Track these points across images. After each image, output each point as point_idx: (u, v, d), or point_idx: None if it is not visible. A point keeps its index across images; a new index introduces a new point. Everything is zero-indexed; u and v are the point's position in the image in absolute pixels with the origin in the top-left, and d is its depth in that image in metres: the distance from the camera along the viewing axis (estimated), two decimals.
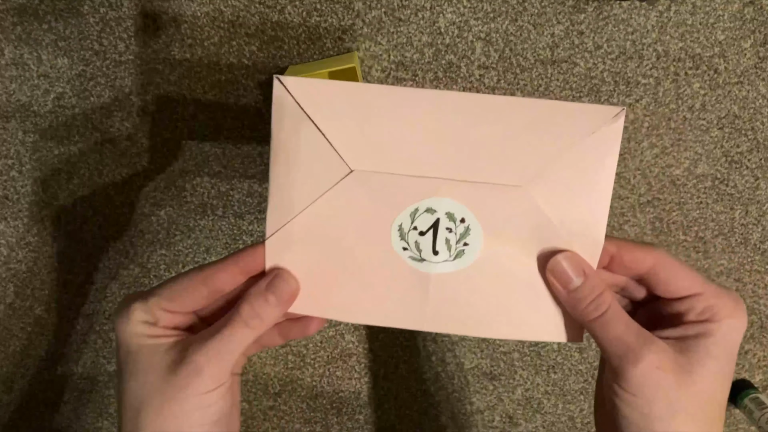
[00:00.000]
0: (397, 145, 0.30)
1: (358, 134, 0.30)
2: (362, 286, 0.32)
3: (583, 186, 0.30)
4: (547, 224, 0.30)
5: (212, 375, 0.28)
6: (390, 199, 0.31)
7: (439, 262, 0.31)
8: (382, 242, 0.31)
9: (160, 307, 0.30)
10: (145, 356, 0.29)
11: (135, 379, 0.29)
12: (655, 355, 0.27)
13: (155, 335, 0.30)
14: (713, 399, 0.27)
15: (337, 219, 0.31)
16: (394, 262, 0.31)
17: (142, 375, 0.29)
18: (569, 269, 0.29)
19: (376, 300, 0.32)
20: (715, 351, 0.27)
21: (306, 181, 0.31)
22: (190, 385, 0.28)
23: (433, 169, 0.30)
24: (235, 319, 0.29)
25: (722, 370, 0.27)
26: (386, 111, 0.30)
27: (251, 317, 0.29)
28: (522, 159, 0.30)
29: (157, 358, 0.29)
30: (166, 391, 0.28)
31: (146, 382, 0.29)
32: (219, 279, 0.30)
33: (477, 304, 0.32)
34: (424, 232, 0.31)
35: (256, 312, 0.29)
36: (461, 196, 0.30)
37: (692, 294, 0.28)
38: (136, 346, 0.29)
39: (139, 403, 0.29)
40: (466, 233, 0.31)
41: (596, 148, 0.29)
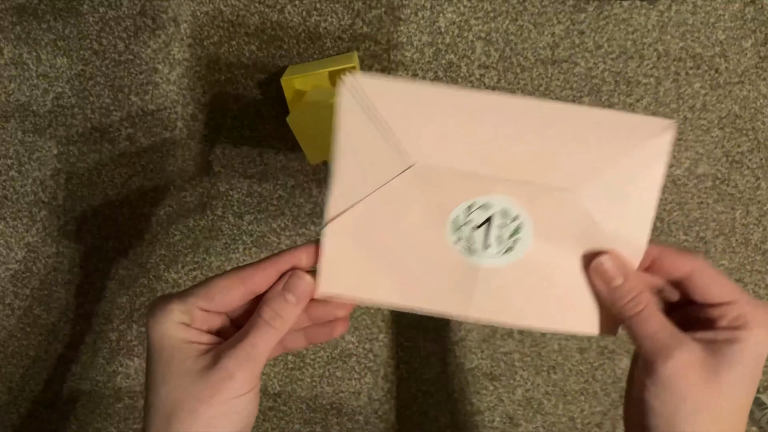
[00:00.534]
0: (456, 143, 0.32)
1: (420, 130, 0.32)
2: (413, 272, 0.33)
3: (631, 193, 0.32)
4: (593, 226, 0.32)
5: (243, 379, 0.29)
6: (447, 193, 0.32)
7: (489, 256, 0.33)
8: (436, 233, 0.33)
9: (197, 307, 0.31)
10: (178, 360, 0.30)
11: (167, 382, 0.30)
12: (686, 354, 0.28)
13: (190, 340, 0.30)
14: (737, 402, 0.29)
15: (395, 209, 0.33)
16: (446, 252, 0.33)
17: (175, 379, 0.30)
18: (612, 269, 0.31)
19: (425, 287, 0.33)
20: (744, 357, 0.28)
21: (369, 171, 0.32)
22: (223, 390, 0.29)
23: (491, 168, 0.32)
24: (258, 323, 0.30)
25: (749, 375, 0.29)
26: (448, 110, 0.31)
27: (272, 318, 0.30)
28: (574, 163, 0.31)
29: (189, 362, 0.30)
30: (199, 395, 0.29)
31: (179, 386, 0.29)
32: (257, 280, 0.31)
33: (521, 296, 0.33)
34: (477, 226, 0.33)
35: (277, 312, 0.30)
36: (516, 194, 0.32)
37: (727, 302, 0.30)
38: (170, 349, 0.30)
39: (171, 408, 0.29)
40: (518, 230, 0.33)
41: (645, 158, 0.31)
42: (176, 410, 0.29)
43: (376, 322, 0.62)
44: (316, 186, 0.57)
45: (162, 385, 0.30)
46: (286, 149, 0.56)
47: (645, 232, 0.32)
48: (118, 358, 0.63)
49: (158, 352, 0.30)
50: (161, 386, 0.30)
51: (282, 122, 0.55)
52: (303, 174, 0.57)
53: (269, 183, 0.57)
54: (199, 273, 0.60)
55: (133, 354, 0.63)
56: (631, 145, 0.31)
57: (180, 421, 0.29)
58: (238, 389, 0.29)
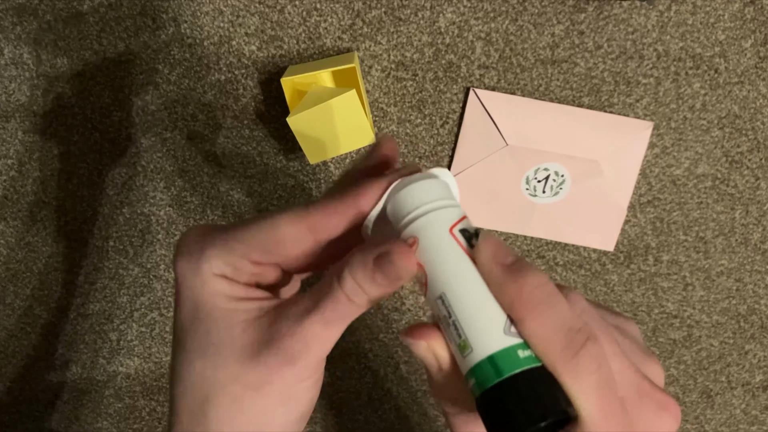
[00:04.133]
0: (531, 132, 0.54)
1: (511, 124, 0.54)
2: (498, 208, 0.56)
3: (625, 165, 0.55)
4: (604, 183, 0.55)
5: (308, 365, 0.22)
6: (524, 161, 0.54)
7: (543, 197, 0.56)
8: (515, 185, 0.55)
9: (246, 257, 0.23)
10: (220, 327, 0.23)
11: (203, 357, 0.23)
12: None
13: (236, 297, 0.23)
14: None
15: (493, 171, 0.55)
16: (519, 196, 0.56)
17: (215, 354, 0.22)
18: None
19: (504, 216, 0.57)
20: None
21: (481, 148, 0.54)
22: (279, 377, 0.22)
23: (550, 147, 0.54)
24: (335, 294, 0.22)
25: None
26: (527, 113, 0.54)
27: (354, 292, 0.22)
28: (597, 145, 0.54)
29: (236, 332, 0.22)
30: (247, 380, 0.22)
31: (219, 364, 0.22)
32: (331, 224, 0.23)
33: (560, 221, 0.57)
34: (540, 181, 0.55)
35: (361, 287, 0.22)
36: (563, 162, 0.54)
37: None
38: (209, 308, 0.23)
39: (208, 391, 0.22)
40: (562, 183, 0.55)
41: (635, 145, 0.54)
42: (214, 395, 0.22)
43: (375, 322, 0.62)
44: (316, 186, 0.57)
45: (197, 357, 0.23)
46: (286, 149, 0.56)
47: (629, 191, 0.55)
48: (118, 358, 0.63)
49: (191, 313, 0.23)
50: (196, 359, 0.23)
51: (282, 122, 0.55)
52: (303, 174, 0.57)
53: (269, 183, 0.57)
54: None
55: (133, 354, 0.63)
56: (627, 136, 0.54)
57: (218, 409, 0.22)
58: (300, 376, 0.23)
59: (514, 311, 0.20)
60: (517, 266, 0.20)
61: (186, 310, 0.23)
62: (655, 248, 0.58)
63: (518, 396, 0.19)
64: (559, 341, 0.19)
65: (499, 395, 0.20)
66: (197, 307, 0.23)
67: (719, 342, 0.62)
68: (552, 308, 0.20)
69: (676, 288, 0.60)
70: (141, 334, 0.63)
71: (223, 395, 0.22)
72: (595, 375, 0.19)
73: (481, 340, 0.20)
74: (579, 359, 0.19)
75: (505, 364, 0.20)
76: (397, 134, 0.55)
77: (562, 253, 0.59)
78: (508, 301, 0.20)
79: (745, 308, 0.60)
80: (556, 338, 0.19)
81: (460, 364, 0.21)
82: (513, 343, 0.20)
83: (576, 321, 0.20)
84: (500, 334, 0.20)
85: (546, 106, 0.54)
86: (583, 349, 0.19)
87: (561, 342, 0.19)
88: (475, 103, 0.53)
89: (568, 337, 0.19)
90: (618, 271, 0.59)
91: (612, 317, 0.24)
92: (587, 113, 0.54)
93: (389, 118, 0.55)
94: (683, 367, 0.63)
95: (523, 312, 0.20)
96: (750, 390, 0.64)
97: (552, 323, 0.20)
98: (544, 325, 0.20)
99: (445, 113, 0.55)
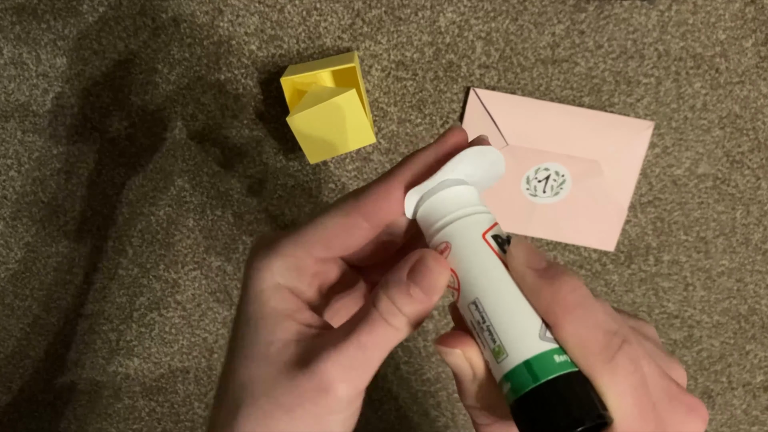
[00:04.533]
0: (531, 131, 0.54)
1: (511, 124, 0.53)
2: (497, 208, 0.55)
3: (625, 164, 0.55)
4: (605, 182, 0.55)
5: (343, 395, 0.21)
6: (525, 161, 0.54)
7: (544, 197, 0.55)
8: (515, 185, 0.55)
9: (309, 255, 0.23)
10: (261, 340, 0.23)
11: (244, 365, 0.23)
12: None
13: (285, 313, 0.23)
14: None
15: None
16: (519, 195, 0.56)
17: (254, 364, 0.22)
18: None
19: (503, 215, 0.56)
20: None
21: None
22: (312, 403, 0.21)
23: (550, 146, 0.54)
24: (372, 317, 0.22)
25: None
26: (528, 113, 0.53)
27: (391, 313, 0.21)
28: (598, 145, 0.54)
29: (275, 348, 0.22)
30: (280, 399, 0.22)
31: (256, 376, 0.22)
32: (383, 209, 0.23)
33: (559, 221, 0.56)
34: (540, 180, 0.55)
35: (398, 307, 0.21)
36: (564, 162, 0.54)
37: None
38: (256, 321, 0.23)
39: (243, 398, 0.22)
40: (563, 183, 0.55)
41: (635, 145, 0.54)
42: (246, 404, 0.22)
43: None
44: (316, 186, 0.57)
45: (240, 363, 0.23)
46: (286, 149, 0.56)
47: (631, 187, 0.55)
48: (118, 358, 0.63)
49: (246, 316, 0.23)
50: (239, 364, 0.23)
51: (282, 122, 0.55)
52: (303, 174, 0.57)
53: (269, 183, 0.57)
54: (199, 273, 0.60)
55: (132, 354, 0.63)
56: (628, 136, 0.54)
57: (248, 419, 0.22)
58: (335, 406, 0.21)
59: (549, 315, 0.20)
60: (551, 271, 0.20)
61: (241, 315, 0.24)
62: (655, 248, 0.58)
63: (555, 401, 0.19)
64: (597, 344, 0.19)
65: (535, 400, 0.20)
66: (250, 316, 0.23)
67: (720, 342, 0.62)
68: (588, 311, 0.20)
69: (676, 288, 0.60)
70: (140, 334, 0.63)
71: (255, 407, 0.22)
72: (632, 377, 0.19)
73: (517, 344, 0.20)
74: (617, 361, 0.19)
75: (542, 368, 0.20)
76: (397, 134, 0.55)
77: (562, 253, 0.58)
78: (543, 306, 0.20)
79: (745, 308, 0.60)
80: (593, 341, 0.19)
81: (494, 369, 0.21)
82: (549, 347, 0.20)
83: (612, 324, 0.20)
84: (536, 338, 0.20)
85: (546, 106, 0.53)
86: (620, 351, 0.19)
87: (599, 345, 0.19)
88: (475, 102, 0.53)
89: (606, 339, 0.19)
90: (618, 272, 0.59)
91: (631, 321, 0.23)
92: (588, 113, 0.54)
93: (389, 117, 0.55)
94: (684, 367, 0.63)
95: (559, 316, 0.20)
96: (751, 390, 0.63)
97: (589, 326, 0.19)
98: (581, 328, 0.19)
99: (446, 113, 0.54)
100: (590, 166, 0.54)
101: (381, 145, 0.55)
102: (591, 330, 0.19)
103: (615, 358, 0.19)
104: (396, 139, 0.55)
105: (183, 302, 0.61)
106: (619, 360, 0.19)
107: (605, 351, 0.19)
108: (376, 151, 0.56)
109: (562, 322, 0.20)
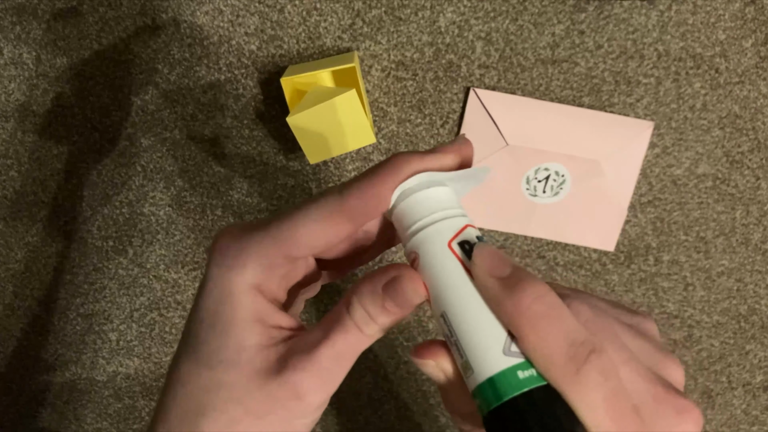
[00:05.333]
0: (531, 131, 0.53)
1: (511, 124, 0.53)
2: (498, 208, 0.56)
3: (625, 164, 0.55)
4: (605, 182, 0.55)
5: (315, 400, 0.22)
6: (525, 161, 0.54)
7: (544, 197, 0.55)
8: (515, 185, 0.55)
9: (281, 255, 0.22)
10: (232, 346, 0.22)
11: (210, 369, 0.22)
12: None
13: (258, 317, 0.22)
14: None
15: (493, 169, 0.50)
16: (518, 195, 0.55)
17: (223, 371, 0.22)
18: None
19: (504, 216, 0.56)
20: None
21: (481, 148, 0.54)
22: (284, 410, 0.21)
23: (550, 146, 0.54)
24: (344, 324, 0.22)
25: None
26: (527, 113, 0.53)
27: (364, 321, 0.22)
28: (598, 145, 0.54)
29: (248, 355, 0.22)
30: (250, 406, 0.21)
31: (225, 382, 0.21)
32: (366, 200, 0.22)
33: (560, 221, 0.56)
34: (540, 180, 0.55)
35: (371, 316, 0.22)
36: (564, 162, 0.54)
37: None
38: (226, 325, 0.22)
39: (205, 404, 0.22)
40: (563, 183, 0.55)
41: (635, 145, 0.54)
42: (212, 410, 0.21)
43: None
44: (316, 186, 0.57)
45: (204, 367, 0.22)
46: (286, 149, 0.56)
47: (629, 191, 0.55)
48: (118, 358, 0.63)
49: (211, 319, 0.22)
50: (203, 368, 0.22)
51: (282, 122, 0.55)
52: (303, 174, 0.57)
53: (269, 183, 0.57)
54: (199, 273, 0.60)
55: (133, 354, 0.63)
56: (627, 136, 0.54)
57: (213, 425, 0.21)
58: (304, 411, 0.22)
59: (513, 327, 0.19)
60: (513, 279, 0.19)
61: (205, 316, 0.22)
62: (655, 248, 0.58)
63: (517, 420, 0.19)
64: (561, 356, 0.18)
65: (499, 419, 0.19)
66: (216, 318, 0.22)
67: (720, 342, 0.62)
68: (552, 322, 0.19)
69: (676, 288, 0.60)
70: (141, 334, 0.63)
71: (221, 413, 0.21)
72: (602, 388, 0.18)
73: (481, 361, 0.20)
74: (583, 374, 0.18)
75: (504, 386, 0.19)
76: (397, 134, 0.55)
77: (562, 254, 0.58)
78: (506, 318, 0.19)
79: (745, 308, 0.60)
80: (557, 354, 0.18)
81: (467, 382, 0.21)
82: (512, 363, 0.19)
83: (579, 333, 0.19)
84: (499, 354, 0.19)
85: (546, 106, 0.53)
86: (587, 363, 0.18)
87: (563, 357, 0.18)
88: (475, 102, 0.53)
89: (571, 351, 0.18)
90: (618, 272, 0.59)
91: (628, 316, 0.23)
92: (587, 113, 0.54)
93: (389, 118, 0.55)
94: (684, 367, 0.63)
95: (521, 328, 0.19)
96: (750, 390, 0.63)
97: (552, 338, 0.19)
98: (545, 340, 0.19)
99: (446, 113, 0.54)
100: (590, 166, 0.54)
101: (381, 145, 0.56)
102: (555, 341, 0.19)
103: (582, 370, 0.18)
104: (396, 139, 0.55)
105: (183, 302, 0.61)
106: (586, 372, 0.18)
107: (571, 363, 0.18)
108: (376, 151, 0.56)
109: (525, 333, 0.19)
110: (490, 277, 0.20)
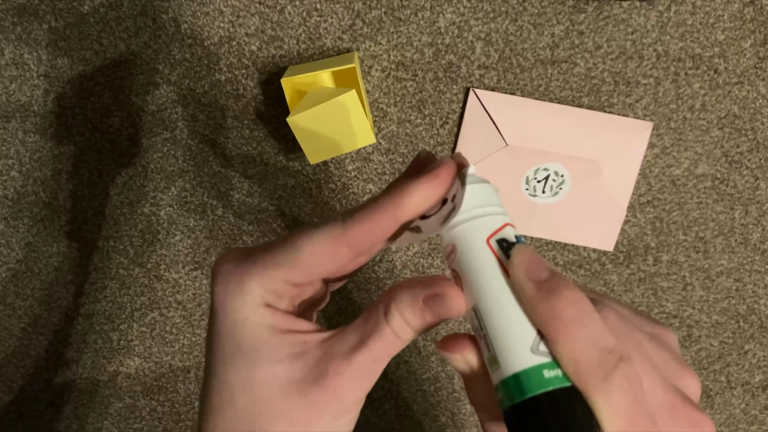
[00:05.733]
0: (531, 132, 0.53)
1: (511, 124, 0.53)
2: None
3: (624, 165, 0.55)
4: (604, 182, 0.55)
5: (356, 400, 0.23)
6: (525, 161, 0.54)
7: (543, 197, 0.56)
8: (514, 185, 0.55)
9: (287, 281, 0.23)
10: (265, 362, 0.22)
11: (249, 391, 0.22)
12: None
13: (280, 329, 0.23)
14: None
15: (493, 169, 0.54)
16: (518, 195, 0.56)
17: (261, 389, 0.22)
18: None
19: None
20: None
21: (481, 148, 0.54)
22: (328, 414, 0.22)
23: (550, 146, 0.54)
24: (383, 331, 0.22)
25: None
26: (527, 113, 0.53)
27: (402, 329, 0.23)
28: (597, 145, 0.54)
29: (282, 367, 0.22)
30: (296, 418, 0.22)
31: (265, 400, 0.22)
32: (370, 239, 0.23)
33: (559, 221, 0.57)
34: (540, 181, 0.55)
35: (409, 323, 0.23)
36: (563, 162, 0.54)
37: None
38: (251, 344, 0.22)
39: (252, 427, 0.22)
40: (562, 183, 0.55)
41: (634, 145, 0.54)
42: (260, 430, 0.22)
43: None
44: (316, 186, 0.57)
45: (241, 391, 0.22)
46: (286, 149, 0.56)
47: (629, 191, 0.56)
48: (118, 358, 0.64)
49: (234, 342, 0.23)
50: (240, 393, 0.22)
51: (282, 122, 0.55)
52: (303, 174, 0.57)
53: (269, 183, 0.57)
54: (200, 273, 0.60)
55: (133, 353, 0.63)
56: (627, 136, 0.54)
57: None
58: (347, 410, 0.23)
59: (545, 329, 0.20)
60: (550, 283, 0.20)
61: (226, 342, 0.23)
62: (654, 248, 0.58)
63: (538, 417, 0.19)
64: (591, 362, 0.19)
65: (521, 414, 0.20)
66: (240, 340, 0.23)
67: (719, 342, 0.62)
68: (584, 328, 0.19)
69: (675, 288, 0.60)
70: (141, 334, 0.63)
71: (271, 429, 0.22)
72: (627, 395, 0.19)
73: (508, 356, 0.20)
74: (611, 380, 0.19)
75: (529, 383, 0.19)
76: (397, 134, 0.55)
77: (562, 253, 0.59)
78: (539, 319, 0.20)
79: (744, 308, 0.60)
80: (588, 359, 0.19)
81: (491, 375, 0.21)
82: (539, 362, 0.20)
83: (609, 341, 0.19)
84: (527, 352, 0.20)
85: (546, 107, 0.54)
86: (616, 370, 0.19)
87: (593, 362, 0.19)
88: (475, 103, 0.53)
89: (600, 357, 0.19)
90: (618, 271, 0.59)
91: (650, 326, 0.23)
92: (587, 113, 0.54)
93: (389, 118, 0.55)
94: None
95: (554, 331, 0.19)
96: (749, 390, 0.64)
97: (584, 344, 0.19)
98: (576, 345, 0.19)
99: (445, 113, 0.55)
100: (590, 167, 0.54)
101: (381, 146, 0.56)
102: (586, 347, 0.19)
103: (610, 376, 0.19)
104: (396, 139, 0.55)
105: (184, 302, 0.62)
106: (614, 379, 0.19)
107: (599, 369, 0.19)
108: (376, 151, 0.56)
109: (557, 337, 0.19)
110: (527, 278, 0.20)
